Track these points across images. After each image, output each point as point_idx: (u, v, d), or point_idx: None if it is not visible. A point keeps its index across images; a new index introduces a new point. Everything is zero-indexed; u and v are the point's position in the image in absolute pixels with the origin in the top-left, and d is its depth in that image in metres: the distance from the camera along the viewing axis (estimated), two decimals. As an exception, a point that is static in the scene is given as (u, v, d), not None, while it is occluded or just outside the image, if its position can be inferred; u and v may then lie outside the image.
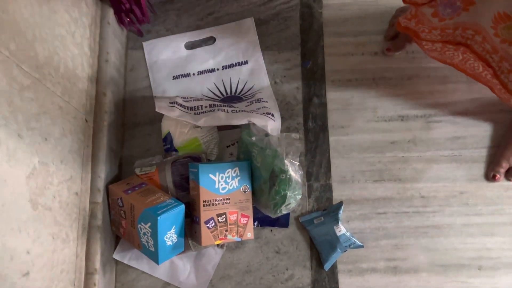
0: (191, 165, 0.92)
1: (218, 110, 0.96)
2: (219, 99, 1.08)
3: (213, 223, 0.89)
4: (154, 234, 0.85)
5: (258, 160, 0.92)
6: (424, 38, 0.95)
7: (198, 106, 0.97)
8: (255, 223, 1.00)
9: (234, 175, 0.91)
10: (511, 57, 0.85)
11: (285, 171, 0.88)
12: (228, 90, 1.09)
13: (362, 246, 0.98)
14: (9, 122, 0.63)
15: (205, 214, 0.89)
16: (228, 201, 0.91)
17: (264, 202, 0.92)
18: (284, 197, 0.89)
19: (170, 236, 0.87)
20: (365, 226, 1.01)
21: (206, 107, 0.97)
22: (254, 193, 0.94)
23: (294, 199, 0.90)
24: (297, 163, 0.89)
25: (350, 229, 1.00)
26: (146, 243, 0.88)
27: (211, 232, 0.89)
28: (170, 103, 0.95)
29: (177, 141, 0.97)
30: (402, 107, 1.08)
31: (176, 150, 0.97)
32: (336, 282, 0.99)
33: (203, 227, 0.89)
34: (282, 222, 1.01)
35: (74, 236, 0.85)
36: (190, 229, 0.93)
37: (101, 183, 0.93)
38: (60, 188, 0.79)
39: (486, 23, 0.83)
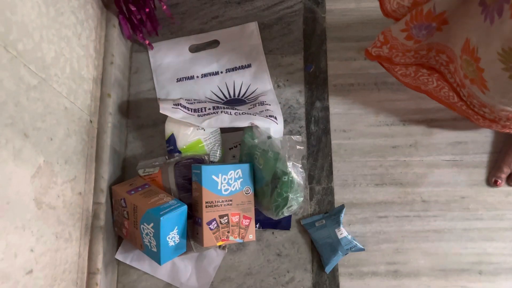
0: (194, 167, 0.92)
1: (221, 112, 0.96)
2: (223, 101, 1.09)
3: (215, 225, 0.90)
4: (157, 235, 0.85)
5: (260, 162, 0.92)
6: (398, 63, 0.96)
7: (201, 108, 0.98)
8: (257, 225, 1.00)
9: (236, 177, 0.92)
10: (475, 95, 0.85)
11: (287, 173, 0.88)
12: (232, 93, 1.10)
13: (363, 249, 0.98)
14: (16, 122, 0.64)
15: (207, 215, 0.89)
16: (230, 202, 0.91)
17: (266, 204, 0.93)
18: (286, 199, 0.89)
19: (172, 237, 0.88)
20: (366, 229, 1.02)
21: (209, 109, 0.98)
22: (256, 195, 0.95)
23: (296, 201, 0.90)
24: (300, 165, 0.90)
25: (351, 233, 1.00)
26: (148, 244, 0.88)
27: (213, 234, 0.90)
28: (174, 105, 0.96)
29: (180, 142, 0.98)
30: (403, 112, 1.09)
31: (179, 152, 0.98)
32: (337, 285, 0.99)
33: (205, 228, 0.89)
34: (283, 224, 1.02)
35: (77, 235, 0.85)
36: (193, 230, 0.94)
37: (104, 184, 0.93)
38: (64, 188, 0.80)
39: (457, 50, 0.83)
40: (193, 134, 0.97)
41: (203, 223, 0.89)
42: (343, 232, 0.98)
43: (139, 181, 0.96)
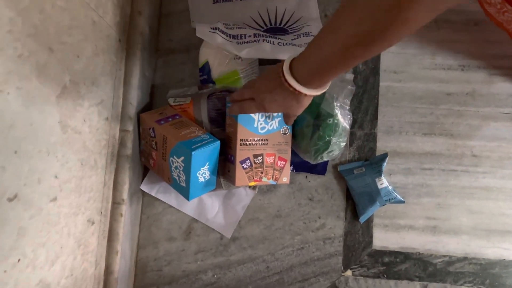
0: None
1: (263, 41, 0.86)
2: (262, 29, 0.98)
3: (249, 164, 0.83)
4: (187, 169, 0.79)
5: None
6: None
7: (241, 34, 0.88)
8: (291, 167, 0.94)
9: (275, 115, 0.84)
10: None
11: (332, 115, 0.80)
12: (273, 21, 0.99)
13: (403, 202, 0.92)
14: (40, 33, 0.55)
15: (241, 153, 0.83)
16: (266, 142, 0.84)
17: (304, 147, 0.86)
18: (327, 144, 0.82)
19: (203, 173, 0.82)
20: (408, 181, 0.95)
21: (250, 36, 0.88)
22: (294, 136, 0.88)
23: (338, 147, 0.83)
24: (348, 107, 0.81)
25: (391, 183, 0.93)
26: (177, 178, 0.83)
27: (246, 173, 0.84)
28: (211, 28, 0.86)
29: (215, 72, 0.89)
30: (464, 55, 0.97)
31: (213, 82, 0.90)
32: (370, 236, 0.94)
33: (238, 167, 0.83)
34: (319, 169, 0.95)
35: (102, 163, 0.80)
36: (224, 167, 0.88)
37: (132, 111, 0.87)
38: (91, 111, 0.73)
39: None
40: (230, 64, 0.88)
41: (236, 161, 0.83)
42: (383, 182, 0.91)
43: (169, 110, 0.89)
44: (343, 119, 0.81)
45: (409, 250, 0.93)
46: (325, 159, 0.85)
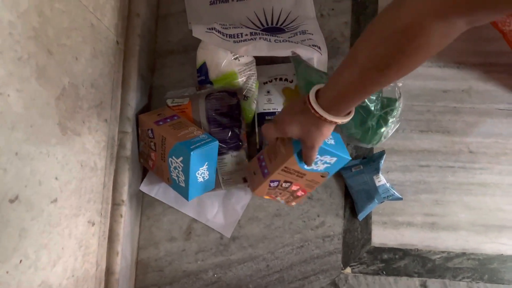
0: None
1: (259, 38, 0.87)
2: (259, 29, 0.99)
3: (276, 185, 0.83)
4: (186, 169, 0.80)
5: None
6: None
7: (238, 33, 0.88)
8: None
9: (328, 161, 0.80)
10: None
11: (397, 99, 0.86)
12: (269, 21, 0.99)
13: (401, 199, 0.92)
14: (39, 35, 0.56)
15: (277, 175, 0.81)
16: (302, 176, 0.82)
17: (369, 137, 0.88)
18: (387, 122, 0.87)
19: (202, 173, 0.82)
20: (406, 178, 0.96)
21: (246, 35, 0.88)
22: (353, 134, 0.90)
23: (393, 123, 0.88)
24: (401, 84, 0.87)
25: (389, 180, 0.93)
26: (176, 178, 0.84)
27: (268, 189, 0.84)
28: (208, 28, 0.86)
29: (213, 73, 0.89)
30: (459, 52, 0.98)
31: (211, 83, 0.90)
32: (369, 233, 0.95)
33: (267, 182, 0.82)
34: (317, 167, 0.96)
35: (102, 165, 0.81)
36: (250, 166, 0.87)
37: (131, 112, 0.87)
38: (90, 113, 0.74)
39: None
40: (227, 65, 0.88)
41: (268, 177, 0.81)
42: (381, 180, 0.91)
43: (167, 111, 0.89)
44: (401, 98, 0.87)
45: (408, 246, 0.94)
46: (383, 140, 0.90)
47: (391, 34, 0.47)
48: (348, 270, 0.94)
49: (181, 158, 0.80)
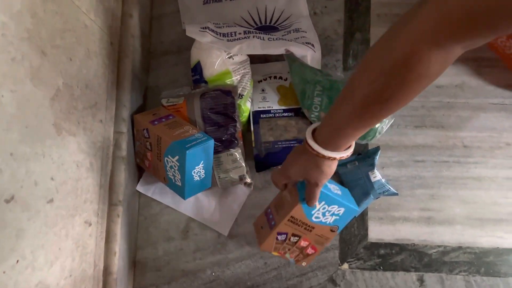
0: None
1: (253, 37, 0.87)
2: (253, 28, 0.99)
3: (284, 238, 0.82)
4: (182, 168, 0.80)
5: None
6: None
7: (231, 32, 0.89)
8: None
9: (336, 212, 0.80)
10: None
11: None
12: (263, 19, 1.00)
13: (397, 194, 0.93)
14: (33, 36, 0.56)
15: (284, 227, 0.80)
16: (311, 229, 0.81)
17: (364, 133, 0.89)
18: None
19: (198, 171, 0.83)
20: (401, 173, 0.96)
21: (240, 33, 0.89)
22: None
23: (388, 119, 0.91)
24: None
25: (384, 176, 0.94)
26: (172, 177, 0.84)
27: (276, 244, 0.82)
28: (201, 28, 0.87)
29: (207, 72, 0.90)
30: (452, 48, 0.98)
31: (205, 82, 0.90)
32: (366, 229, 0.95)
33: (273, 235, 0.81)
34: (313, 164, 0.96)
35: (98, 165, 0.81)
36: (259, 220, 0.88)
37: (126, 113, 0.87)
38: (85, 114, 0.74)
39: None
40: (221, 64, 0.89)
41: (275, 229, 0.80)
42: (376, 175, 0.92)
43: (162, 111, 0.89)
44: None
45: (404, 241, 0.95)
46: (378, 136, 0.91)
47: (390, 67, 0.47)
48: (345, 266, 0.95)
49: (177, 157, 0.80)
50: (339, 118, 0.57)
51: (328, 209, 0.78)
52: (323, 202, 0.77)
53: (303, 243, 0.83)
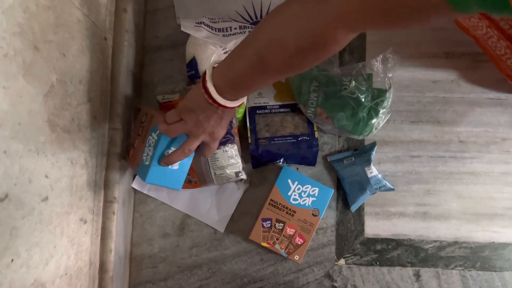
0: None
1: (249, 32, 0.87)
2: (248, 23, 0.98)
3: (269, 225, 0.87)
4: (156, 144, 0.72)
5: (352, 90, 0.88)
6: None
7: (227, 27, 0.88)
8: (281, 160, 0.94)
9: (312, 193, 0.88)
10: None
11: (387, 90, 0.88)
12: (258, 14, 0.99)
13: (393, 189, 0.93)
14: (25, 31, 0.55)
15: (266, 212, 0.87)
16: (293, 213, 0.88)
17: (360, 129, 0.90)
18: (377, 113, 0.89)
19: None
20: (397, 169, 0.96)
21: (235, 28, 0.88)
22: (344, 126, 0.91)
23: (384, 114, 0.90)
24: (391, 74, 0.88)
25: (381, 172, 0.94)
26: (145, 157, 0.75)
27: (263, 232, 0.87)
28: (196, 23, 0.86)
29: (203, 67, 0.89)
30: (448, 43, 0.98)
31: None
32: (362, 224, 0.95)
33: (259, 223, 0.87)
34: (309, 160, 0.96)
35: (93, 162, 0.80)
36: None
37: (120, 109, 0.87)
38: (79, 110, 0.73)
39: None
40: (217, 59, 0.88)
41: (259, 217, 0.88)
42: (373, 171, 0.92)
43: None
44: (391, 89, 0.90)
45: (401, 236, 0.95)
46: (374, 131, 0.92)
47: (309, 47, 0.51)
48: (342, 261, 0.95)
49: (157, 132, 0.73)
50: (242, 73, 0.58)
51: (303, 190, 0.87)
52: (296, 182, 0.88)
53: (289, 231, 0.87)
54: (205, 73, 0.61)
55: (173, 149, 0.73)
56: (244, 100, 0.65)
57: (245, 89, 0.61)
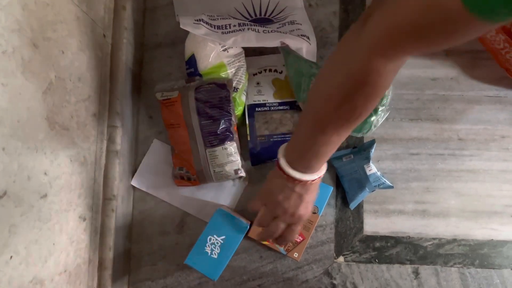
0: None
1: (248, 29, 0.87)
2: (248, 20, 0.98)
3: None
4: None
5: None
6: None
7: (226, 25, 0.88)
8: (281, 157, 0.94)
9: None
10: None
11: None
12: (257, 11, 0.99)
13: (392, 187, 0.93)
14: (23, 28, 0.55)
15: None
16: None
17: (359, 126, 0.90)
18: (376, 111, 0.88)
19: (213, 241, 0.86)
20: (396, 166, 0.96)
21: (234, 26, 0.88)
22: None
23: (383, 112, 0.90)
24: None
25: (380, 169, 0.94)
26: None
27: (262, 229, 0.84)
28: (195, 20, 0.86)
29: (202, 65, 0.89)
30: (447, 40, 0.98)
31: (200, 75, 0.90)
32: (361, 222, 0.95)
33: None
34: (308, 157, 0.96)
35: (92, 160, 0.80)
36: None
37: (119, 106, 0.86)
38: (78, 107, 0.73)
39: None
40: (216, 56, 0.88)
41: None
42: (372, 168, 0.92)
43: None
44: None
45: (400, 234, 0.95)
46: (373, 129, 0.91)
47: (351, 87, 0.50)
48: (341, 259, 0.95)
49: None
50: (305, 138, 0.58)
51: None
52: None
53: None
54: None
55: (215, 236, 0.85)
56: (322, 173, 0.63)
57: (313, 157, 0.60)
